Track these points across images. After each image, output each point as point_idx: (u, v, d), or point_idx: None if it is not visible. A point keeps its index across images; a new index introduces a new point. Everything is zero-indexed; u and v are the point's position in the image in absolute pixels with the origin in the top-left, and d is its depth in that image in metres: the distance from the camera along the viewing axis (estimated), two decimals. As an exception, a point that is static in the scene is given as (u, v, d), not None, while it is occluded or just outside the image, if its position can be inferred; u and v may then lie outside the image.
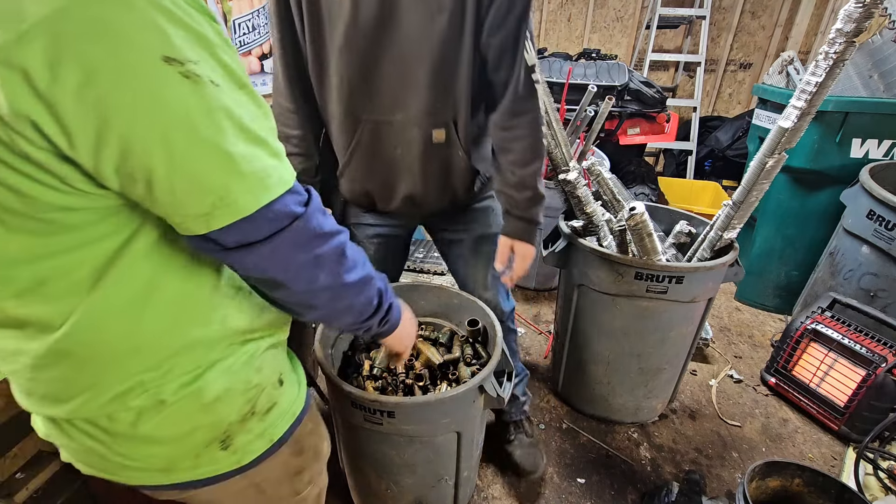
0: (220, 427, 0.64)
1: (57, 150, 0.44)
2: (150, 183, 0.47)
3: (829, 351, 1.72)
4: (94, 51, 0.41)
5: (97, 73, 0.41)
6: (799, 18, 3.91)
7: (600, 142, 3.01)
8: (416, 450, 1.15)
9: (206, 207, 0.49)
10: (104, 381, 0.57)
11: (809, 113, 1.26)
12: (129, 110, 0.43)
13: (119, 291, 0.53)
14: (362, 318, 0.70)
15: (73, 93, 0.41)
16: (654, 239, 1.43)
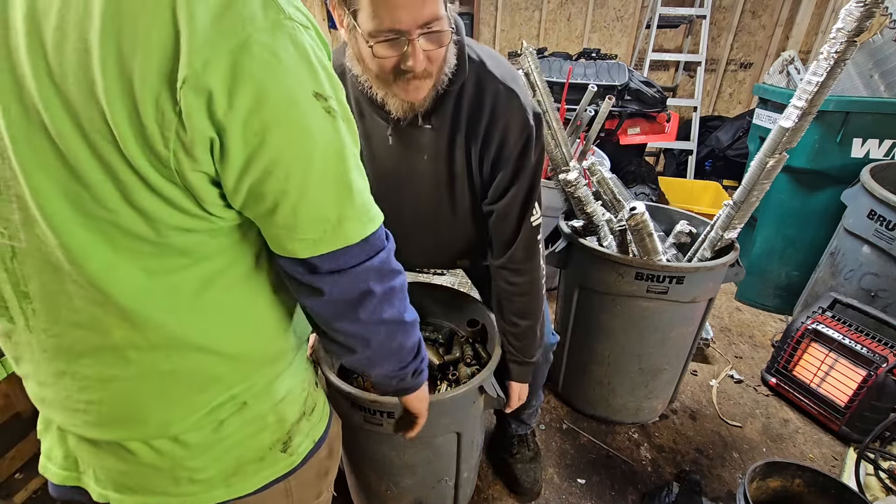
0: (285, 427, 0.66)
1: (211, 171, 0.47)
2: (277, 205, 0.50)
3: (830, 351, 1.72)
4: (266, 80, 0.44)
5: (266, 100, 0.45)
6: (799, 18, 3.91)
7: (600, 142, 3.01)
8: (416, 451, 1.16)
9: (318, 234, 0.53)
10: (201, 399, 0.57)
11: (810, 113, 1.26)
12: (284, 137, 0.47)
13: (219, 311, 0.55)
14: (404, 364, 0.71)
15: (243, 116, 0.44)
16: (654, 239, 1.43)
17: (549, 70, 2.97)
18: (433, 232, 1.14)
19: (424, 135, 0.98)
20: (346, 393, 1.04)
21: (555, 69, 2.98)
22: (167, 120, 0.43)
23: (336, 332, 0.62)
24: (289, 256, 0.54)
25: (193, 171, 0.46)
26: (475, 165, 1.02)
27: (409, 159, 1.02)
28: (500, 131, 0.97)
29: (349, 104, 0.98)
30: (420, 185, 1.06)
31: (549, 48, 4.23)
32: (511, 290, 1.13)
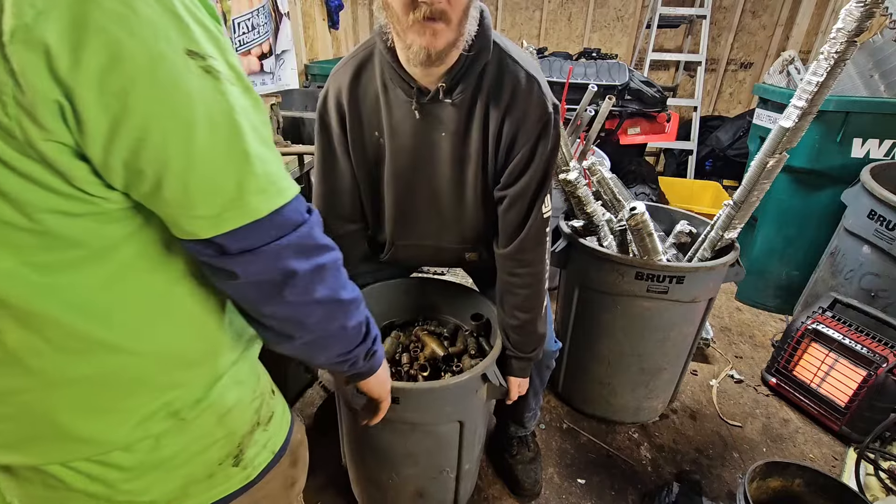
0: (235, 440, 0.62)
1: (69, 141, 0.41)
2: (160, 180, 0.44)
3: (830, 351, 1.72)
4: (120, 34, 0.39)
5: (122, 58, 0.39)
6: (800, 18, 3.91)
7: (600, 141, 3.01)
8: (418, 439, 1.15)
9: (217, 209, 0.47)
10: (127, 406, 0.52)
11: (810, 112, 1.26)
12: (151, 100, 0.41)
13: (135, 306, 0.50)
14: (351, 347, 0.66)
15: (95, 77, 0.39)
16: (654, 239, 1.43)
17: (550, 70, 2.97)
18: (442, 216, 1.15)
19: (445, 110, 0.99)
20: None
21: (555, 69, 2.98)
22: (1, 82, 0.38)
23: (267, 317, 0.56)
24: (191, 239, 0.49)
25: (46, 142, 0.40)
26: (491, 147, 1.03)
27: (429, 136, 1.03)
28: (518, 114, 0.98)
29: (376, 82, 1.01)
30: (435, 164, 1.07)
31: (549, 48, 4.23)
32: (514, 281, 1.13)
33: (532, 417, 1.51)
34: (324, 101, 1.08)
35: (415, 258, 1.31)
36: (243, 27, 2.13)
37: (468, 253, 1.24)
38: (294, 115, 1.81)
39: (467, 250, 1.23)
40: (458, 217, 1.15)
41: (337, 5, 3.63)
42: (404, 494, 1.28)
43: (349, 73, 1.04)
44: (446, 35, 0.87)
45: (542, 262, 1.12)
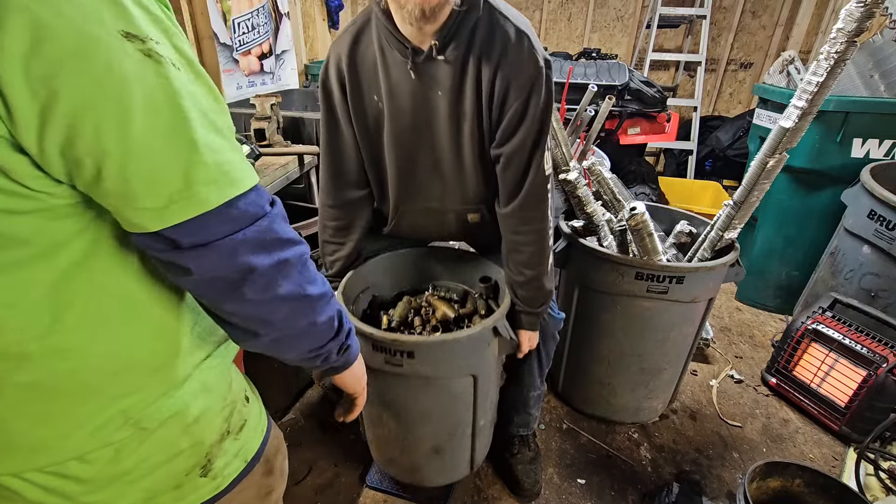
0: (202, 450, 0.59)
1: (2, 132, 0.39)
2: (100, 169, 0.42)
3: (830, 351, 1.72)
4: (43, 14, 0.36)
5: (47, 39, 0.37)
6: (800, 18, 3.91)
7: (600, 141, 3.01)
8: (433, 395, 1.19)
9: (163, 200, 0.44)
10: (80, 413, 0.50)
11: (810, 113, 1.26)
12: (81, 84, 0.39)
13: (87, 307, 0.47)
14: (322, 342, 0.63)
15: (17, 59, 0.36)
16: (654, 239, 1.43)
17: (550, 70, 2.97)
18: (444, 177, 1.17)
19: (440, 68, 1.02)
20: (367, 334, 1.07)
21: (555, 69, 2.97)
22: None
23: (229, 314, 0.54)
24: (140, 232, 0.46)
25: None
26: (485, 104, 1.04)
27: (425, 95, 1.05)
28: (509, 70, 1.00)
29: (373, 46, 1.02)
30: (433, 124, 1.09)
31: (549, 48, 4.23)
32: (518, 239, 1.15)
33: (536, 401, 1.49)
34: (325, 69, 1.10)
35: (420, 227, 1.31)
36: (243, 27, 2.13)
37: (470, 214, 1.24)
38: (294, 115, 1.81)
39: (470, 211, 1.24)
40: (459, 176, 1.17)
41: (337, 5, 3.63)
42: (421, 453, 1.30)
43: (348, 40, 1.07)
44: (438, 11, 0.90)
45: (545, 219, 1.13)
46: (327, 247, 1.31)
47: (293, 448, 1.63)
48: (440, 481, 1.41)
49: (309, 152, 1.66)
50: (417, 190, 1.22)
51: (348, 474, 1.55)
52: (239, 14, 2.11)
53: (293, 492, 1.48)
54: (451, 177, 1.18)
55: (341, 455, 1.62)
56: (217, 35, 1.97)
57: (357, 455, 1.62)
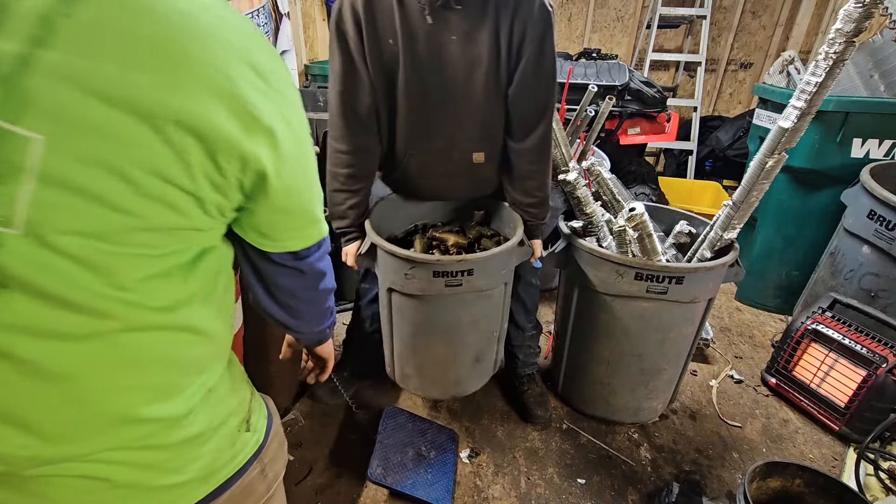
0: (245, 406, 0.68)
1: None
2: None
3: (830, 351, 1.72)
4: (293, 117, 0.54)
5: (298, 133, 0.55)
6: (800, 18, 3.91)
7: (600, 142, 3.01)
8: (481, 305, 1.39)
9: (310, 228, 0.65)
10: (180, 384, 0.57)
11: (809, 113, 1.26)
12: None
13: (207, 296, 0.58)
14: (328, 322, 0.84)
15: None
16: (654, 239, 1.43)
17: (549, 70, 2.97)
18: (453, 115, 1.27)
19: (455, 15, 1.11)
20: (430, 263, 1.25)
21: (555, 69, 2.98)
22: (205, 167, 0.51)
23: (296, 300, 0.72)
24: (282, 251, 0.63)
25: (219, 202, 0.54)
26: (503, 49, 1.16)
27: (441, 40, 1.15)
28: (525, 14, 1.13)
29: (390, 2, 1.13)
30: (448, 68, 1.19)
31: (549, 48, 4.22)
32: (532, 168, 1.34)
33: (534, 337, 1.78)
34: (339, 11, 1.16)
35: (428, 169, 1.39)
36: (243, 28, 2.14)
37: (475, 153, 1.36)
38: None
39: (475, 150, 1.35)
40: (468, 116, 1.28)
41: (337, 6, 3.62)
42: (466, 364, 1.49)
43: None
44: None
45: (551, 149, 1.35)
46: (338, 195, 1.35)
47: (293, 448, 1.63)
48: (477, 386, 1.58)
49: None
50: (428, 129, 1.30)
51: (348, 474, 1.55)
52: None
53: (293, 492, 1.48)
54: (461, 116, 1.27)
55: (341, 455, 1.62)
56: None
57: (357, 455, 1.62)
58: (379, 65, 1.19)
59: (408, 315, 1.41)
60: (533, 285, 1.69)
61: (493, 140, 1.34)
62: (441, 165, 1.37)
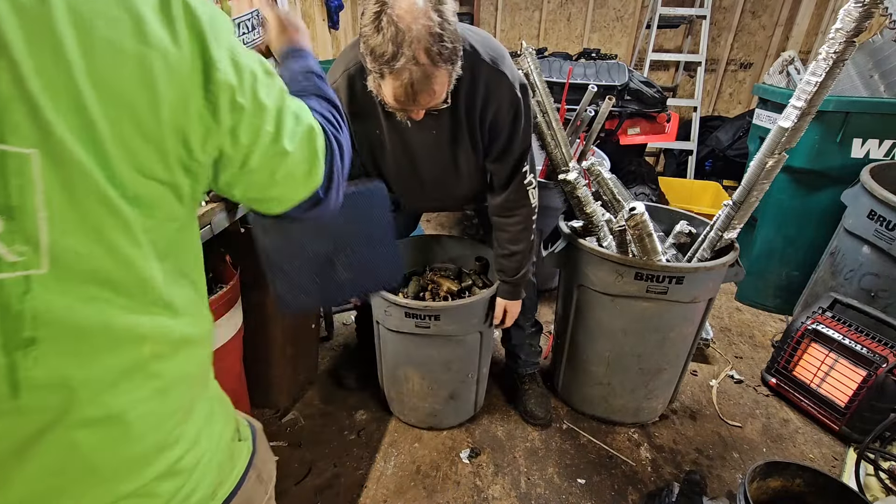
0: (232, 415, 0.67)
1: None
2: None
3: (830, 351, 1.72)
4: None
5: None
6: (799, 18, 3.91)
7: (600, 142, 3.00)
8: (452, 348, 1.52)
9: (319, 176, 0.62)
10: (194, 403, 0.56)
11: (809, 113, 1.26)
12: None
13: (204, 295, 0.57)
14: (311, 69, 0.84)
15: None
16: (654, 239, 1.43)
17: (549, 70, 2.97)
18: (444, 188, 1.43)
19: (431, 117, 1.17)
20: (401, 305, 1.41)
21: (555, 69, 2.98)
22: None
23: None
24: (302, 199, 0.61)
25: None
26: (477, 135, 1.26)
27: (423, 135, 1.25)
28: (493, 109, 1.20)
29: (370, 92, 1.18)
30: (432, 155, 1.31)
31: (549, 48, 4.22)
32: (506, 220, 1.40)
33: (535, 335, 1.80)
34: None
35: (421, 209, 1.68)
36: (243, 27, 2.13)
37: (466, 207, 1.58)
38: (294, 116, 1.81)
39: (466, 207, 1.56)
40: (455, 185, 1.41)
41: (337, 6, 3.62)
42: (441, 398, 1.63)
43: (344, 83, 1.21)
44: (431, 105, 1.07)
45: (529, 205, 1.38)
46: None
47: (293, 448, 1.63)
48: (453, 422, 1.73)
49: (309, 153, 1.66)
50: (420, 194, 1.45)
51: (348, 474, 1.55)
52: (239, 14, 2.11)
53: (293, 492, 1.48)
54: (449, 186, 1.41)
55: (341, 455, 1.62)
56: (217, 36, 1.98)
57: (357, 455, 1.62)
58: (364, 144, 1.32)
59: (389, 346, 1.59)
60: (530, 284, 1.70)
61: (482, 198, 1.48)
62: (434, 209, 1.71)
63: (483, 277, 1.71)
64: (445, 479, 1.55)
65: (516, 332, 1.76)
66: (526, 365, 1.80)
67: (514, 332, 1.76)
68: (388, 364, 1.65)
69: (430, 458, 1.62)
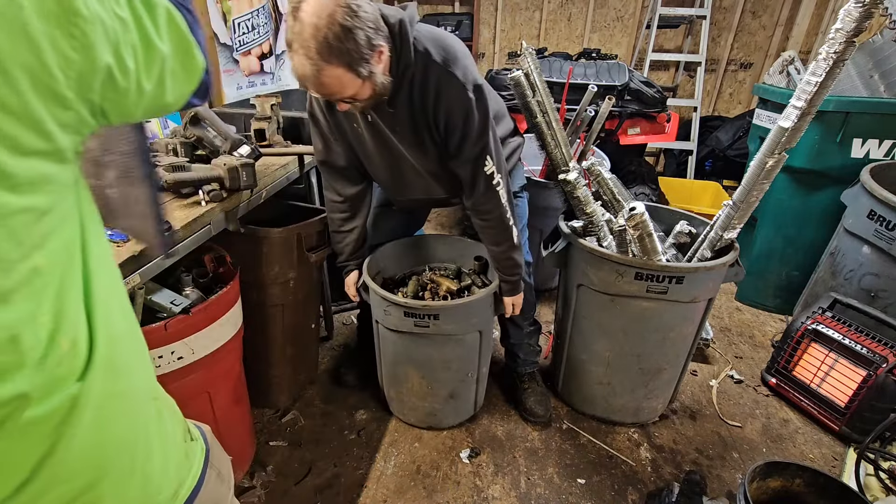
0: (179, 415, 0.66)
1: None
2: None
3: (830, 351, 1.72)
4: None
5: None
6: (799, 18, 3.91)
7: (600, 142, 3.00)
8: (451, 347, 1.52)
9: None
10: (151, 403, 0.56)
11: (809, 113, 1.26)
12: None
13: (119, 304, 0.54)
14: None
15: None
16: (654, 239, 1.43)
17: (550, 70, 2.97)
18: (422, 184, 1.44)
19: (389, 116, 1.24)
20: (401, 304, 1.41)
21: (555, 69, 2.98)
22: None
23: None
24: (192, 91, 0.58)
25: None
26: (434, 135, 1.28)
27: (392, 131, 1.28)
28: (444, 108, 1.21)
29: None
30: (402, 151, 1.33)
31: (549, 48, 4.23)
32: (482, 224, 1.42)
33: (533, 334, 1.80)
34: (310, 103, 1.37)
35: (413, 206, 1.65)
36: (243, 27, 2.13)
37: (453, 200, 1.52)
38: (294, 116, 1.81)
39: (451, 200, 1.52)
40: (436, 179, 1.42)
41: (337, 6, 3.62)
42: (440, 397, 1.63)
43: None
44: (359, 107, 1.15)
45: (499, 209, 1.37)
46: (336, 236, 1.58)
47: (293, 448, 1.63)
48: (453, 421, 1.73)
49: (309, 152, 1.66)
50: (405, 187, 1.48)
51: (348, 474, 1.55)
52: (239, 14, 2.11)
53: (293, 492, 1.48)
54: (426, 182, 1.43)
55: (341, 455, 1.62)
56: (217, 35, 1.97)
57: (357, 455, 1.62)
58: (350, 141, 1.39)
59: (389, 345, 1.60)
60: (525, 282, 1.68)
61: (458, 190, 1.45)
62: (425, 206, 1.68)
63: (483, 277, 1.72)
64: (445, 478, 1.55)
65: (515, 332, 1.76)
66: (525, 364, 1.81)
67: (513, 332, 1.77)
68: (387, 363, 1.65)
69: (430, 457, 1.62)
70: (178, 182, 1.20)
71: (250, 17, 2.19)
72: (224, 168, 1.24)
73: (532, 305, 1.76)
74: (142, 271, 0.98)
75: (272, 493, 1.46)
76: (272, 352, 1.67)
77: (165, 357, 1.11)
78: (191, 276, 1.24)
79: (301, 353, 1.79)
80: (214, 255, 1.40)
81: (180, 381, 1.16)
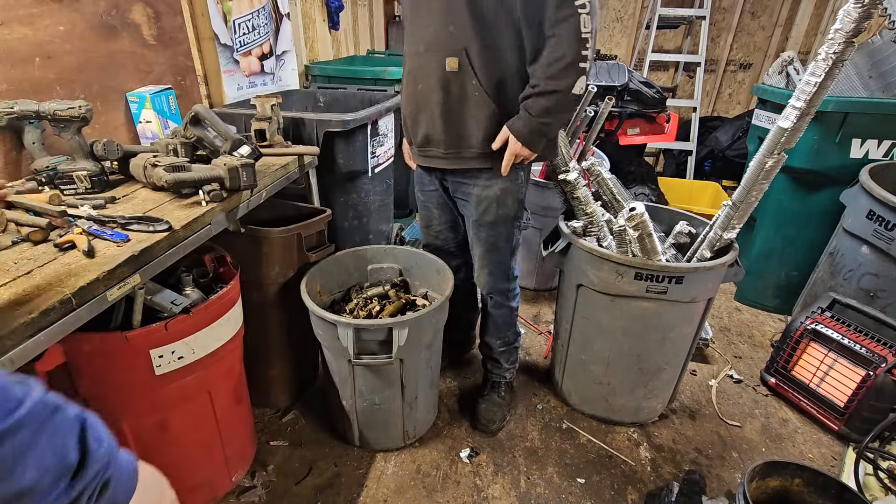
0: None
1: None
2: None
3: (829, 351, 1.72)
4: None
5: None
6: (799, 18, 3.92)
7: (600, 142, 3.01)
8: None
9: None
10: None
11: (808, 113, 1.26)
12: None
13: None
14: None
15: None
16: (653, 239, 1.43)
17: (549, 71, 2.97)
18: (433, 17, 1.29)
19: None
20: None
21: (554, 70, 2.98)
22: None
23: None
24: None
25: None
26: None
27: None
28: None
29: None
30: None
31: (548, 49, 4.23)
32: (554, 31, 1.19)
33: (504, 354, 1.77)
34: None
35: (411, 79, 1.41)
36: (243, 28, 2.13)
37: (449, 58, 1.29)
38: (294, 116, 1.81)
39: (449, 55, 1.29)
40: (445, 16, 1.26)
41: (337, 6, 3.62)
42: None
43: None
44: None
45: (577, 14, 1.17)
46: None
47: (293, 447, 1.63)
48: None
49: (309, 152, 1.66)
50: (415, 34, 1.35)
51: (348, 474, 1.55)
52: (239, 15, 2.11)
53: (293, 491, 1.48)
54: (439, 18, 1.27)
55: (341, 454, 1.62)
56: (217, 36, 1.98)
57: (357, 455, 1.62)
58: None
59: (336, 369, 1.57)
60: (504, 306, 1.69)
61: (468, 41, 1.27)
62: (422, 77, 1.36)
63: (402, 293, 1.74)
64: (445, 478, 1.55)
65: (486, 348, 1.79)
66: (491, 373, 1.82)
67: (484, 348, 1.80)
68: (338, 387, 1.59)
69: (430, 457, 1.62)
70: (179, 182, 1.20)
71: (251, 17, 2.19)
72: (224, 168, 1.24)
73: (508, 325, 1.74)
74: (142, 271, 0.98)
75: (273, 492, 1.46)
76: (272, 352, 1.67)
77: (166, 357, 1.11)
78: (191, 276, 1.24)
79: (301, 353, 1.79)
80: (215, 255, 1.40)
81: (181, 380, 1.17)
